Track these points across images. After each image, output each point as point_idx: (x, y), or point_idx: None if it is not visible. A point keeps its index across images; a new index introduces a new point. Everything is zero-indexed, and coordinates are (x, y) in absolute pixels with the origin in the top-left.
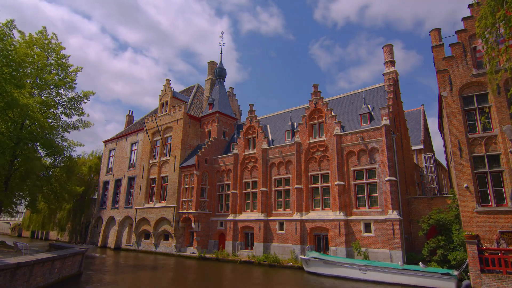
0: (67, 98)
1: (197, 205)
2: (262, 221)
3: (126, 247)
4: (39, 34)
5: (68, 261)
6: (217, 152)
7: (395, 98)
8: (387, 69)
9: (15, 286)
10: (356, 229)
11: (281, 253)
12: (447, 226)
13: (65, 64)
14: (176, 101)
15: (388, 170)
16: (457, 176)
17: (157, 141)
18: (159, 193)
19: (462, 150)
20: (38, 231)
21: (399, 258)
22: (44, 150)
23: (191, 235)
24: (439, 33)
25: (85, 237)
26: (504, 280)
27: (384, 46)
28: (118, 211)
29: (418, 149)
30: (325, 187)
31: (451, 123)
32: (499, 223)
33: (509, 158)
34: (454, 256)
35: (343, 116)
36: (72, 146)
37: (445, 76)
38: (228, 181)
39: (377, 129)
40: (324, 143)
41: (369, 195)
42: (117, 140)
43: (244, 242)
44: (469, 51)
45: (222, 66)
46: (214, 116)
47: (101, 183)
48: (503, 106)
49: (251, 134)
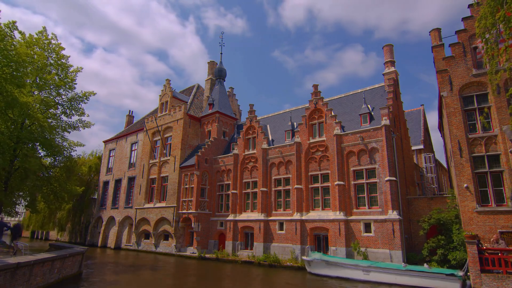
0: (67, 98)
1: (197, 205)
2: (262, 221)
3: (126, 247)
4: (39, 34)
5: (68, 261)
6: (217, 152)
7: (395, 98)
8: (387, 69)
9: (15, 286)
10: (356, 229)
11: (281, 253)
12: (447, 226)
13: (65, 64)
14: (176, 101)
15: (388, 170)
16: (457, 176)
17: (157, 141)
18: (159, 193)
19: (462, 150)
20: (38, 231)
21: (399, 258)
22: (44, 150)
23: (191, 235)
24: (439, 33)
25: (85, 237)
26: (504, 280)
27: (384, 46)
28: (118, 211)
29: (418, 149)
30: (325, 187)
31: (451, 123)
32: (499, 223)
33: (509, 158)
34: (454, 256)
35: (343, 116)
36: (72, 146)
37: (445, 76)
38: (228, 181)
39: (377, 129)
40: (324, 143)
41: (369, 195)
42: (117, 140)
43: (244, 242)
44: (469, 51)
45: (222, 66)
46: (214, 116)
47: (101, 183)
48: (503, 106)
49: (251, 134)
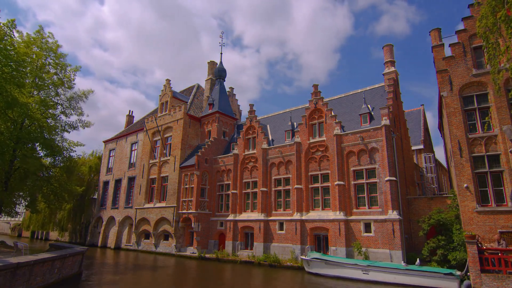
0: (65, 98)
1: (197, 205)
2: (262, 221)
3: (126, 247)
4: (37, 33)
5: (68, 261)
6: (217, 152)
7: (395, 98)
8: (387, 69)
9: (15, 286)
10: (356, 229)
11: (281, 253)
12: (447, 226)
13: (63, 63)
14: (176, 101)
15: (388, 170)
16: (457, 176)
17: (157, 141)
18: (159, 193)
19: (462, 150)
20: (38, 231)
21: (399, 258)
22: (44, 150)
23: (191, 235)
24: (439, 33)
25: (85, 237)
26: (504, 280)
27: (384, 46)
28: (118, 211)
29: (418, 149)
30: (325, 187)
31: (451, 123)
32: (499, 223)
33: (509, 158)
34: (454, 256)
35: (343, 116)
36: (72, 146)
37: (445, 76)
38: (228, 181)
39: (377, 129)
40: (324, 143)
41: (369, 195)
42: (117, 140)
43: (244, 242)
44: (469, 51)
45: (222, 66)
46: (214, 116)
47: (101, 183)
48: (503, 106)
49: (251, 134)
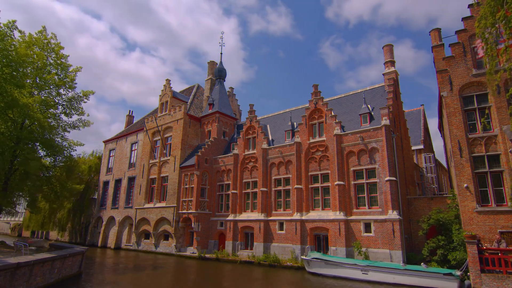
0: (67, 98)
1: (197, 205)
2: (262, 221)
3: (126, 247)
4: (39, 34)
5: (68, 261)
6: (217, 152)
7: (395, 98)
8: (387, 69)
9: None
10: (356, 229)
11: (281, 253)
12: (447, 226)
13: (65, 64)
14: (176, 101)
15: (388, 170)
16: (457, 176)
17: (157, 141)
18: (159, 193)
19: (462, 150)
20: (38, 231)
21: (399, 258)
22: (44, 150)
23: (191, 235)
24: (439, 33)
25: (85, 237)
26: (504, 280)
27: (384, 46)
28: (118, 211)
29: (418, 149)
30: (325, 187)
31: (451, 123)
32: (499, 223)
33: (509, 158)
34: (454, 256)
35: (343, 116)
36: (72, 145)
37: (445, 76)
38: (228, 181)
39: (377, 129)
40: (324, 143)
41: (369, 195)
42: (117, 140)
43: (244, 242)
44: (469, 51)
45: (222, 66)
46: (214, 116)
47: (101, 183)
48: (503, 106)
49: (251, 134)
